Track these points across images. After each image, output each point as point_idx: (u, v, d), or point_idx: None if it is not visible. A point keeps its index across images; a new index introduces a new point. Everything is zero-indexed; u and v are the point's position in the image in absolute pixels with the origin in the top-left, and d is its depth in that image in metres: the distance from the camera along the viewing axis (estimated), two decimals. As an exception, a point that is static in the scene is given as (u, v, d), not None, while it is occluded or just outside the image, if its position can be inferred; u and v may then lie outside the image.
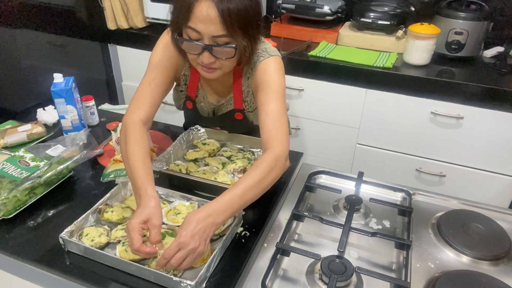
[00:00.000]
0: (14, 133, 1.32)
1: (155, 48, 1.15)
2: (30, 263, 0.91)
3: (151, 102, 1.11)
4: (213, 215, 0.85)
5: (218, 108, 1.28)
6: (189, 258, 0.82)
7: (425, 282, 0.87)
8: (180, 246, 0.81)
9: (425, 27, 1.77)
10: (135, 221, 0.84)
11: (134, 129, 1.04)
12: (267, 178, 0.95)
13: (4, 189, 1.02)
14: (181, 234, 0.82)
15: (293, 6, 2.05)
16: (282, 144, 1.00)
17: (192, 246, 0.81)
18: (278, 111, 1.04)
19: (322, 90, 1.92)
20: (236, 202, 0.89)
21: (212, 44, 0.97)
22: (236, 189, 0.90)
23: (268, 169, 0.95)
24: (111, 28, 2.20)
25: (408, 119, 1.84)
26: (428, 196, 1.13)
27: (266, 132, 1.03)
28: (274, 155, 0.98)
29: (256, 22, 0.99)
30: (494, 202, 1.33)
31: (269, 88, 1.07)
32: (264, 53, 1.11)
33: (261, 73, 1.10)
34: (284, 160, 1.00)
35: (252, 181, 0.92)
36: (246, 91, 1.20)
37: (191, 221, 0.83)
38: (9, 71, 1.79)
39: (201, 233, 0.83)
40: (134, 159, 0.97)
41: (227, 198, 0.89)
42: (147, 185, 0.92)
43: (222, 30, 0.94)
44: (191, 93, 1.26)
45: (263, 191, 0.96)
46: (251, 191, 0.92)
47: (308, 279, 0.87)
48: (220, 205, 0.87)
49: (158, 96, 1.13)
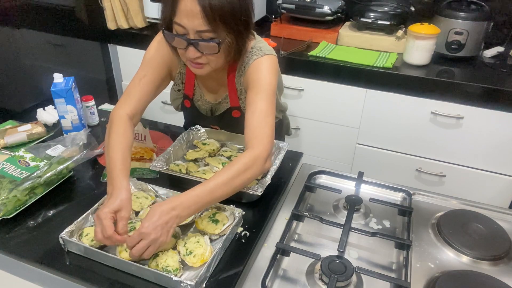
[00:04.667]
0: (14, 133, 1.32)
1: (149, 45, 1.17)
2: (30, 263, 0.91)
3: (140, 98, 1.13)
4: (177, 208, 0.87)
5: (216, 107, 1.28)
6: (151, 248, 0.84)
7: (425, 282, 0.87)
8: (142, 236, 0.83)
9: (425, 27, 1.77)
10: (106, 210, 0.87)
11: (119, 123, 1.07)
12: (241, 177, 0.95)
13: (4, 189, 1.02)
14: (143, 225, 0.84)
15: (293, 6, 2.05)
16: (263, 145, 1.00)
17: (153, 236, 0.83)
18: (265, 111, 1.04)
19: (322, 90, 1.92)
20: (204, 198, 0.91)
21: (196, 39, 0.98)
22: (206, 185, 0.92)
23: (244, 168, 0.96)
24: (111, 28, 2.20)
25: (408, 119, 1.84)
26: (428, 196, 1.13)
27: (249, 132, 1.03)
28: (253, 154, 0.98)
29: (242, 18, 0.99)
30: (494, 202, 1.33)
31: (258, 87, 1.07)
32: (258, 51, 1.11)
33: (252, 72, 1.10)
34: (263, 161, 0.99)
35: (223, 179, 0.93)
36: (240, 89, 1.20)
37: (155, 212, 0.85)
38: (9, 71, 1.79)
39: (164, 225, 0.85)
40: (114, 151, 1.00)
41: (195, 193, 0.90)
42: (122, 177, 0.94)
43: (205, 25, 0.94)
44: (188, 92, 1.27)
45: (236, 189, 0.96)
46: (221, 189, 0.93)
47: (308, 279, 0.87)
48: (187, 199, 0.89)
49: (148, 92, 1.15)
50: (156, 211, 0.85)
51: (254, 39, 1.14)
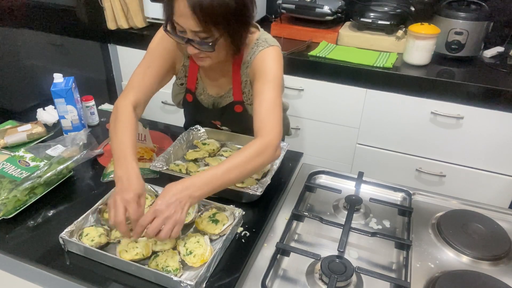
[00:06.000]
0: (14, 133, 1.32)
1: (154, 37, 1.18)
2: (30, 263, 0.91)
3: (143, 88, 1.14)
4: (191, 188, 0.88)
5: (218, 101, 1.29)
6: (166, 227, 0.84)
7: (425, 282, 0.87)
8: (155, 213, 0.85)
9: (425, 27, 1.77)
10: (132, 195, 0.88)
11: (125, 111, 1.08)
12: (253, 162, 0.96)
13: (4, 189, 1.02)
14: (156, 203, 0.86)
15: (293, 6, 2.05)
16: (274, 133, 1.01)
17: (167, 213, 0.84)
18: (273, 101, 1.06)
19: (322, 90, 1.92)
20: (217, 179, 0.92)
21: (191, 39, 0.99)
22: (219, 168, 0.93)
23: (255, 154, 0.97)
24: (111, 28, 2.20)
25: (408, 119, 1.84)
26: (428, 196, 1.13)
27: (258, 121, 1.04)
28: (264, 142, 0.99)
29: (238, 16, 0.99)
30: (494, 202, 1.33)
31: (266, 77, 1.09)
32: (263, 43, 1.13)
33: (259, 63, 1.12)
34: (274, 149, 1.00)
35: (236, 163, 0.94)
36: (245, 81, 1.20)
37: (168, 191, 0.87)
38: (9, 71, 1.79)
39: (177, 203, 0.86)
40: (124, 135, 1.02)
41: (209, 174, 0.92)
42: (134, 161, 0.96)
43: (197, 26, 0.96)
44: (191, 85, 1.27)
45: (247, 174, 0.98)
46: (234, 172, 0.93)
47: (308, 279, 0.87)
48: (199, 180, 0.90)
49: (152, 83, 1.16)
50: (170, 190, 0.87)
51: (258, 31, 1.16)
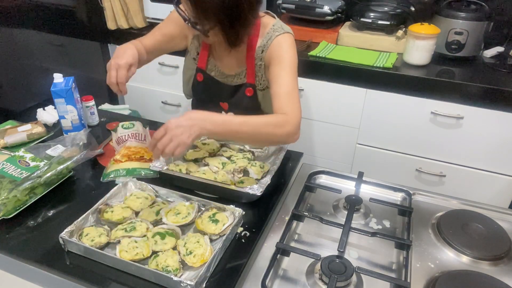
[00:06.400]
0: (14, 133, 1.32)
1: None
2: (30, 263, 0.91)
3: (152, 40, 1.27)
4: (207, 120, 0.93)
5: (230, 79, 1.30)
6: (171, 144, 0.90)
7: (425, 282, 0.87)
8: (166, 130, 0.92)
9: (425, 27, 1.77)
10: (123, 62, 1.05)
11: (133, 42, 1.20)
12: (268, 128, 0.99)
13: (4, 189, 1.02)
14: (170, 121, 0.91)
15: (293, 6, 2.05)
16: (295, 113, 1.04)
17: (175, 132, 0.91)
18: (292, 85, 1.09)
19: (322, 90, 1.92)
20: (231, 125, 0.96)
21: (189, 21, 1.05)
22: (238, 117, 0.97)
23: (274, 123, 1.00)
24: (111, 28, 2.20)
25: (408, 119, 1.84)
26: (428, 196, 1.13)
27: (278, 101, 1.07)
28: (285, 117, 1.02)
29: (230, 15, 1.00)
30: (494, 202, 1.33)
31: (284, 63, 1.12)
32: (279, 29, 1.17)
33: (276, 47, 1.15)
34: (293, 128, 1.02)
35: (254, 121, 0.98)
36: (259, 65, 1.22)
37: (185, 115, 0.93)
38: (9, 71, 1.79)
39: (187, 128, 0.91)
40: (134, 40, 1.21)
41: (227, 117, 0.97)
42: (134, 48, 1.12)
43: (191, 12, 1.01)
44: (202, 64, 1.30)
45: (258, 138, 1.01)
46: (249, 127, 0.97)
47: (308, 279, 0.87)
48: (217, 118, 0.95)
49: (161, 39, 1.27)
50: (188, 114, 0.93)
51: (274, 19, 1.21)
